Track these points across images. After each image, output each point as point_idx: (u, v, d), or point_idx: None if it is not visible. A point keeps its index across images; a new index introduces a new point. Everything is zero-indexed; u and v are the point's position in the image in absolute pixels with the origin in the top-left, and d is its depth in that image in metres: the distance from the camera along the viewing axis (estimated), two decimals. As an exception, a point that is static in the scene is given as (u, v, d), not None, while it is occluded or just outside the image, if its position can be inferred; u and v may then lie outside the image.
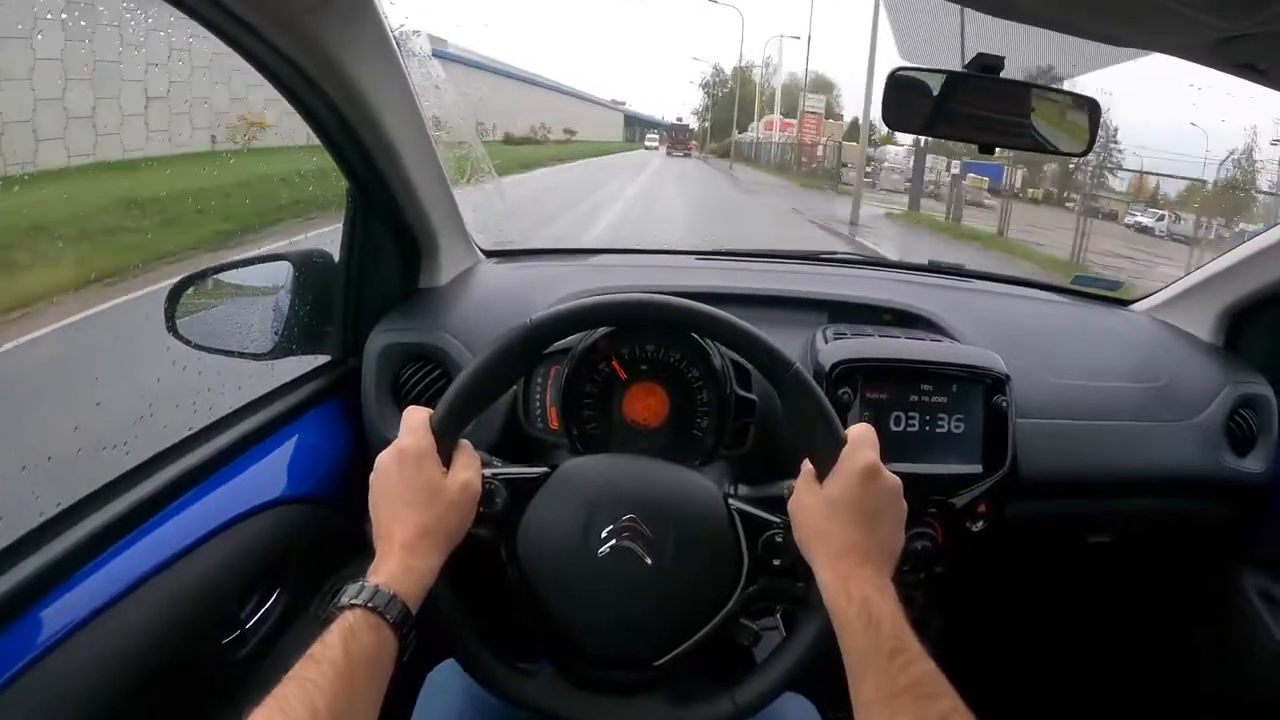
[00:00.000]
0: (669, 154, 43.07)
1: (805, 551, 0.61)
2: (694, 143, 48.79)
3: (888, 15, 0.74)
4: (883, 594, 0.56)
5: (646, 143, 53.76)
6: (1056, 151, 0.88)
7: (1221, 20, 0.61)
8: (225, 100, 4.92)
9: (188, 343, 0.93)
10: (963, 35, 0.75)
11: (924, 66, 0.79)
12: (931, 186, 19.52)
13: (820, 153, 27.64)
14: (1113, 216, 17.63)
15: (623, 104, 73.59)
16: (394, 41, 0.81)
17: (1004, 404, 0.89)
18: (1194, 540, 1.13)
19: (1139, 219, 17.96)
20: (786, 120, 38.62)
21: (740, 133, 45.05)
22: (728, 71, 58.97)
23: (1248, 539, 1.11)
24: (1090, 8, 0.64)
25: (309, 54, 0.74)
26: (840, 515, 0.59)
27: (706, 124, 58.93)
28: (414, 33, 0.91)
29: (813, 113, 35.85)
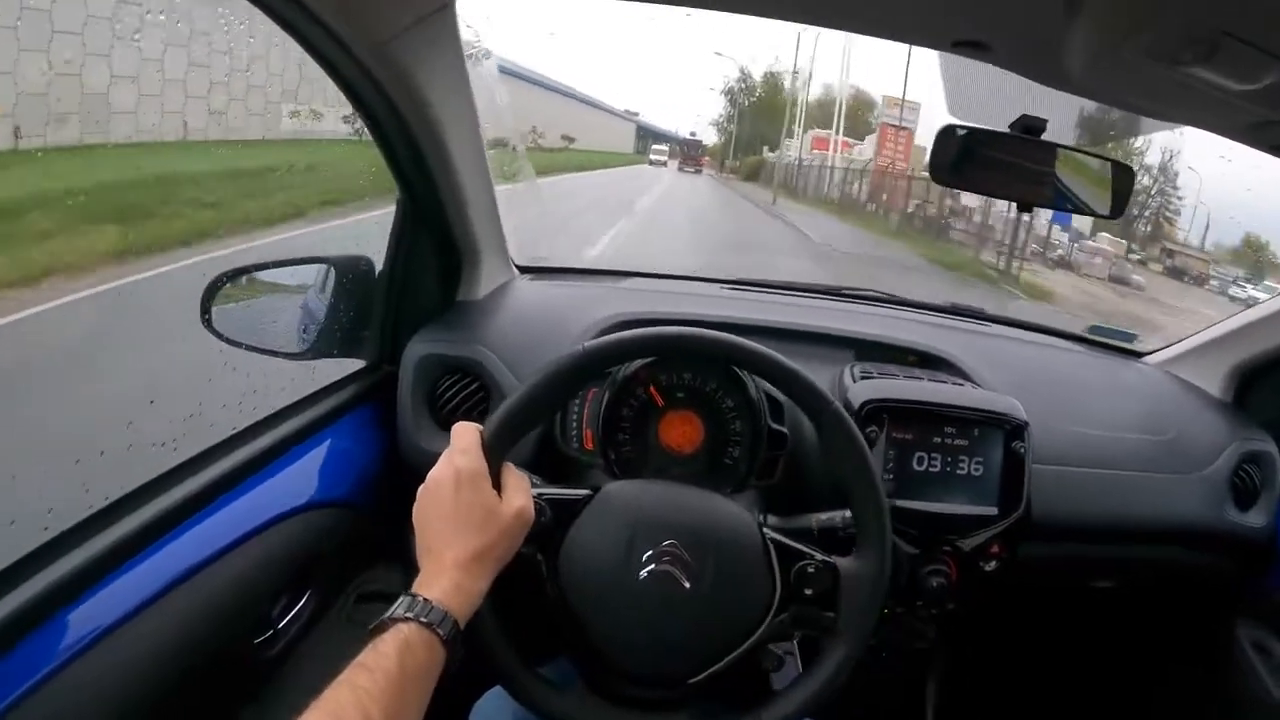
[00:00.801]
0: (680, 169, 38.56)
1: None
2: (706, 159, 43.37)
3: (941, 73, 0.77)
4: None
5: (652, 155, 43.84)
6: (1087, 213, 0.92)
7: (1259, 106, 0.64)
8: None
9: (221, 337, 0.94)
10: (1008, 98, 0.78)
11: (972, 124, 0.82)
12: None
13: (906, 189, 17.03)
14: (1201, 280, 15.75)
15: (636, 115, 68.49)
16: (469, 66, 0.83)
17: (1022, 450, 0.92)
18: (1194, 590, 1.15)
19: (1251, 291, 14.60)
20: (848, 140, 26.76)
21: (770, 150, 35.15)
22: (756, 77, 48.90)
23: (1247, 591, 1.14)
24: (1138, 87, 0.67)
25: (390, 72, 0.77)
26: None
27: (728, 136, 48.95)
28: (485, 55, 0.94)
29: (900, 126, 22.10)
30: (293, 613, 0.84)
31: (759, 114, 45.01)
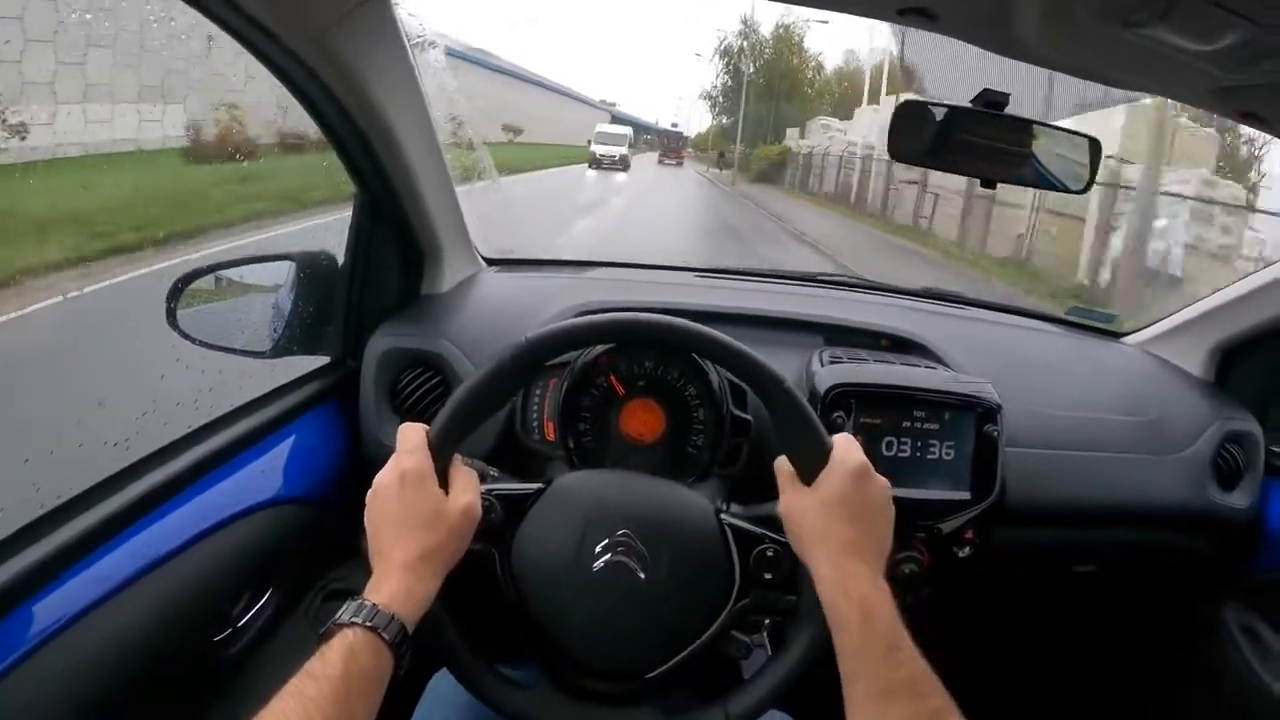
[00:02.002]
0: (660, 162, 35.06)
1: (802, 552, 0.62)
2: (688, 151, 40.32)
3: (902, 50, 0.75)
4: (880, 592, 0.58)
5: (597, 148, 26.13)
6: (1057, 188, 0.90)
7: (1222, 70, 0.62)
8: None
9: (188, 337, 0.93)
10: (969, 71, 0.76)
11: (932, 100, 0.80)
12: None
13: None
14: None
15: (613, 105, 60.57)
16: (411, 54, 0.82)
17: (995, 433, 0.90)
18: (1178, 572, 1.14)
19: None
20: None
21: (800, 136, 23.95)
22: (764, 32, 32.63)
23: (1232, 574, 1.13)
24: (1095, 52, 0.66)
25: (329, 64, 0.76)
26: (836, 515, 0.61)
27: (728, 121, 33.42)
28: (430, 44, 0.92)
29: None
30: (253, 611, 0.82)
31: (773, 83, 31.40)
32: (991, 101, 0.80)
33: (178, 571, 0.72)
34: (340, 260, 1.01)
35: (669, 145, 40.41)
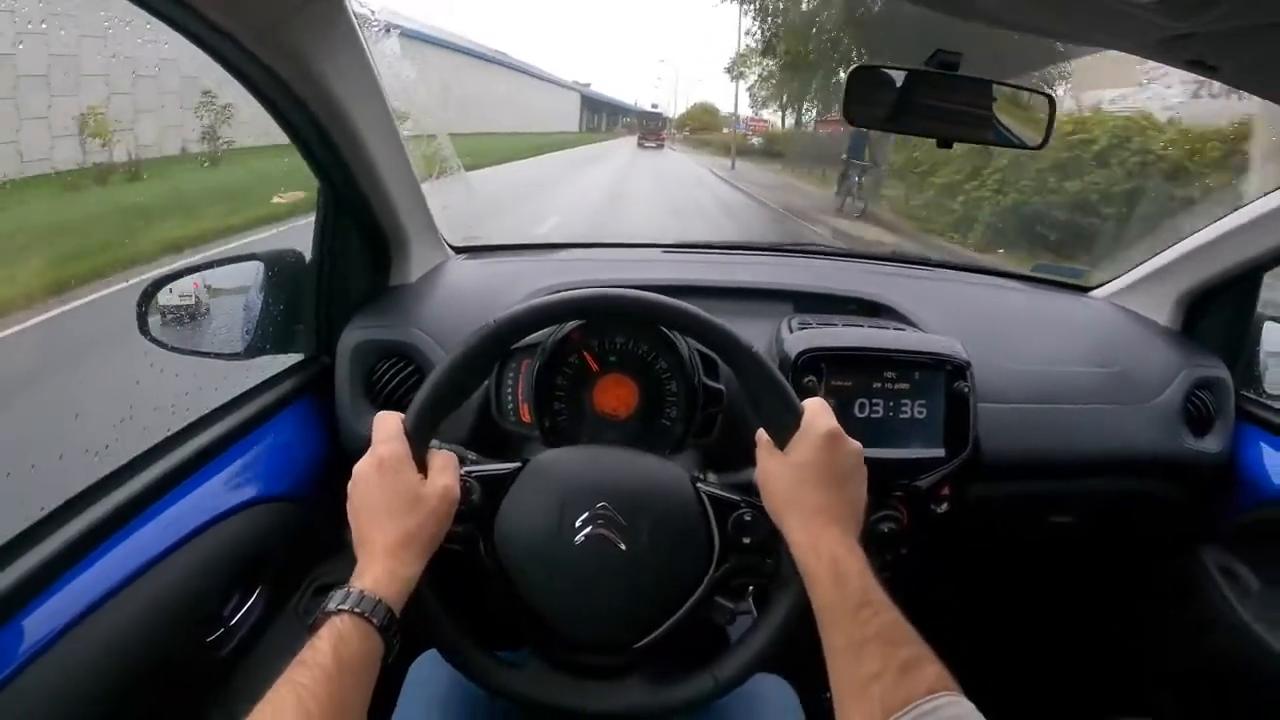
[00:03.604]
0: (640, 145, 36.08)
1: (776, 517, 0.63)
2: (665, 134, 40.39)
3: (850, 14, 0.75)
4: (850, 552, 0.59)
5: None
6: (1016, 145, 0.91)
7: (1168, 19, 0.63)
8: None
9: (161, 345, 0.93)
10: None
11: (885, 64, 0.81)
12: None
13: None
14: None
15: (587, 85, 57.09)
16: (366, 45, 0.81)
17: (965, 389, 0.92)
18: (1155, 519, 1.17)
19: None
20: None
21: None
22: None
23: (1209, 518, 1.15)
24: (1040, 6, 0.66)
25: (282, 58, 0.75)
26: (808, 479, 0.62)
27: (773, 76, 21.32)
28: (385, 32, 0.91)
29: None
30: (243, 610, 0.83)
31: None
32: (945, 63, 0.80)
33: (164, 576, 0.72)
34: (308, 257, 1.01)
35: (649, 127, 40.47)
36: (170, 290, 0.97)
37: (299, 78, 0.78)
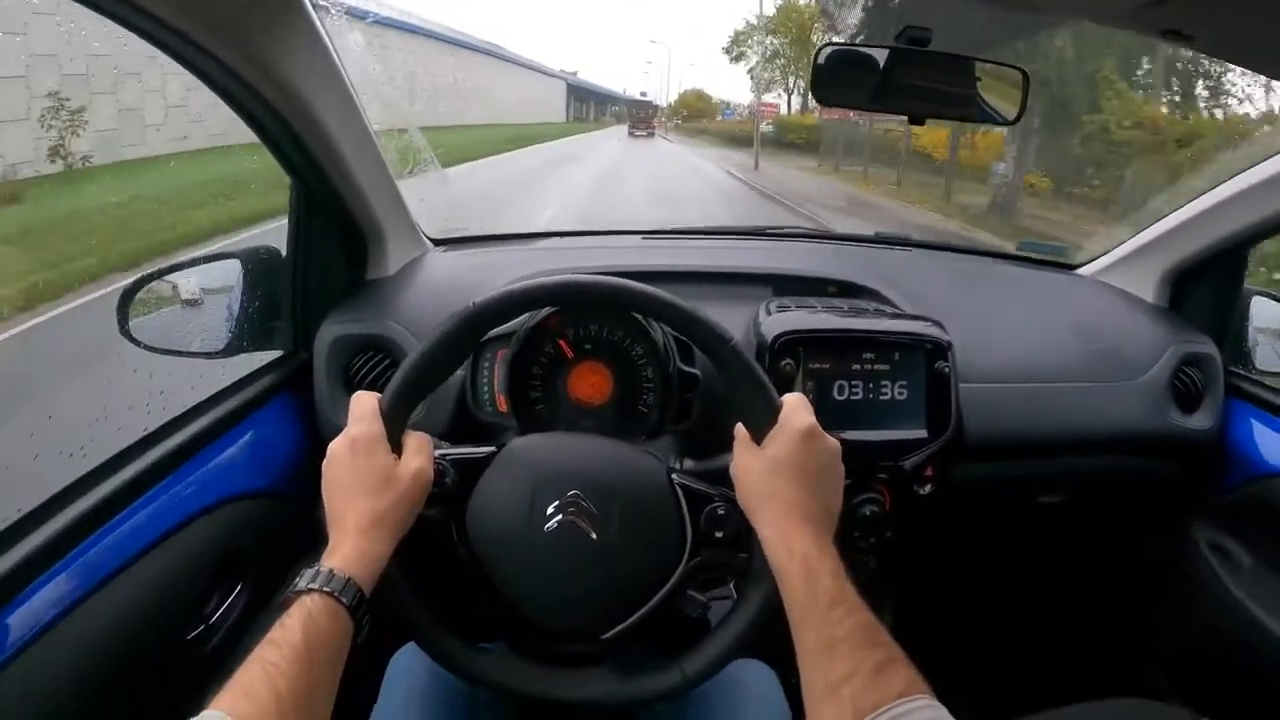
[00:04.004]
0: (631, 134, 37.20)
1: (749, 512, 0.63)
2: (656, 122, 41.05)
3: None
4: (823, 551, 0.58)
5: None
6: (994, 121, 0.90)
7: None
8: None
9: (140, 345, 0.93)
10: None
11: (854, 43, 0.79)
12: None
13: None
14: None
15: (574, 73, 56.17)
16: (327, 37, 0.80)
17: (946, 370, 0.91)
18: (1145, 497, 1.16)
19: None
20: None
21: None
22: None
23: (1199, 494, 1.14)
24: None
25: (240, 55, 0.74)
26: (783, 476, 0.61)
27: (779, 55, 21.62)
28: (346, 22, 0.90)
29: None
30: (225, 606, 0.83)
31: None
32: (915, 39, 0.79)
33: (143, 574, 0.72)
34: (284, 253, 1.00)
35: (639, 115, 40.75)
36: (149, 290, 0.97)
37: (259, 74, 0.76)
